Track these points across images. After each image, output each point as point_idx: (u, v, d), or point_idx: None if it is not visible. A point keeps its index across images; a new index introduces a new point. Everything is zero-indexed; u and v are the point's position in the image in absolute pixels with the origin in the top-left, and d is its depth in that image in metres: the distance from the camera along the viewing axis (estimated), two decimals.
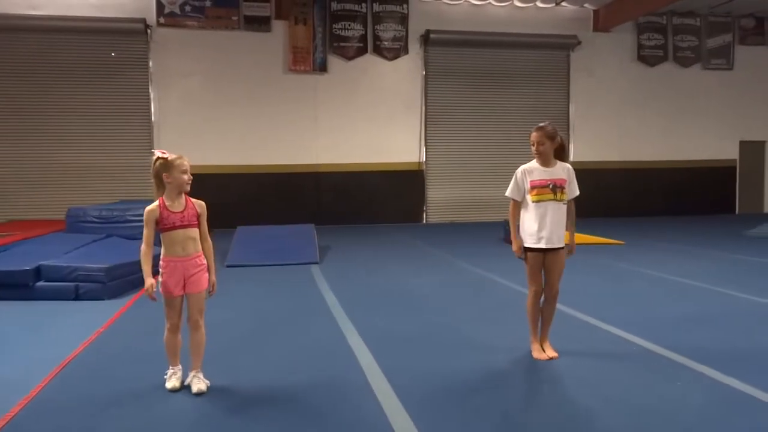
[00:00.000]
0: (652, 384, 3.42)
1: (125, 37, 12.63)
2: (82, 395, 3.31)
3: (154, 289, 3.26)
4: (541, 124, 3.89)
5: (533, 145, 3.85)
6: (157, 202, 3.34)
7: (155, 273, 3.31)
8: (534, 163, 3.90)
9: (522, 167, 3.92)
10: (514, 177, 3.91)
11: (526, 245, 3.87)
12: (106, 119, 12.65)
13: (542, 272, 3.90)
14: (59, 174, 12.53)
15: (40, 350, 4.23)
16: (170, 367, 3.40)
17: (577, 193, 3.93)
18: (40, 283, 5.85)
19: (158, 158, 3.35)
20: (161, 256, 3.33)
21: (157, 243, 3.40)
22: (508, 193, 3.94)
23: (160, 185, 3.35)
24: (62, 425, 2.94)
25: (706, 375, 3.55)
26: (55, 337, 4.56)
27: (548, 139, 3.81)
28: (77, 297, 5.79)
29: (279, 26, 13.19)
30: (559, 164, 3.88)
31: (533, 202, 3.81)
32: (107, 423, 2.95)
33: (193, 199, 3.42)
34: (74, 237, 7.78)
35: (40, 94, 12.43)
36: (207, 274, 3.40)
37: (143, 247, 3.33)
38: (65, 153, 12.56)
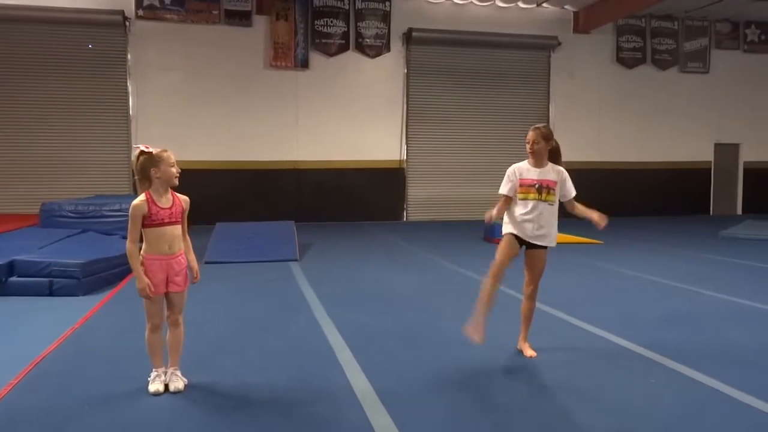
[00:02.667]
0: (628, 381, 3.47)
1: (103, 29, 12.40)
2: (55, 394, 3.24)
3: (150, 291, 3.17)
4: (538, 125, 3.96)
5: (528, 143, 3.89)
6: (143, 197, 3.20)
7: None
8: (525, 163, 3.94)
9: (514, 165, 3.96)
10: (506, 175, 3.93)
11: (505, 232, 3.92)
12: (82, 113, 12.42)
13: (510, 256, 3.86)
14: (33, 168, 12.27)
15: (11, 348, 4.14)
16: (153, 369, 3.28)
17: (574, 193, 3.99)
18: (13, 279, 5.73)
19: (142, 153, 3.21)
20: (143, 254, 3.23)
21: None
22: (500, 190, 3.94)
23: (145, 180, 3.22)
24: (34, 424, 2.88)
25: (679, 372, 3.61)
26: (27, 335, 4.47)
27: (543, 139, 3.86)
28: (51, 293, 5.68)
29: (260, 21, 13.08)
30: (551, 166, 3.93)
31: (519, 199, 3.87)
32: (80, 423, 2.90)
33: (178, 195, 3.34)
34: (48, 232, 7.63)
35: (14, 86, 12.15)
36: (188, 272, 3.35)
37: (129, 245, 3.18)
38: (40, 146, 12.31)
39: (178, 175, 3.27)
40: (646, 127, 15.25)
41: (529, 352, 3.90)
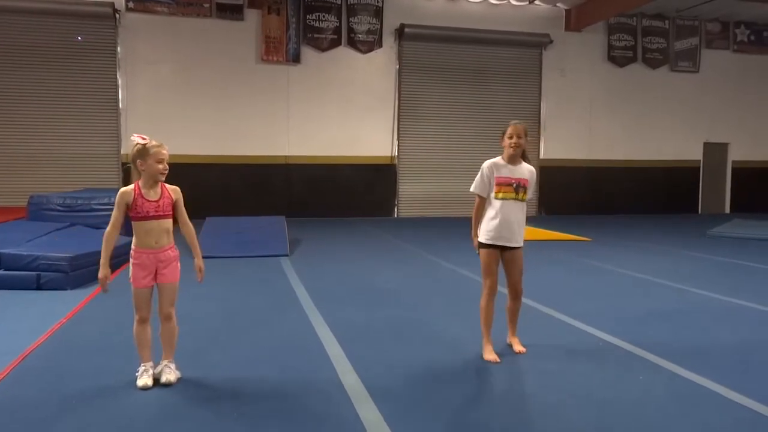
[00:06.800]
0: (616, 378, 3.50)
1: (92, 21, 12.30)
2: (42, 388, 3.22)
3: (108, 282, 3.16)
4: (514, 121, 3.83)
5: (511, 137, 3.71)
6: (132, 186, 3.21)
7: (125, 261, 3.23)
8: (500, 160, 3.79)
9: (488, 162, 3.80)
10: (480, 172, 3.80)
11: (482, 240, 3.80)
12: (71, 105, 12.33)
13: (497, 269, 3.81)
14: (21, 160, 12.17)
15: None
16: (141, 364, 3.25)
17: (530, 196, 3.88)
18: (0, 272, 5.67)
19: (137, 143, 3.21)
20: (132, 247, 3.24)
21: (129, 233, 3.30)
22: (473, 188, 3.83)
23: (135, 171, 3.23)
24: (21, 418, 2.86)
25: (667, 369, 3.64)
26: (13, 328, 4.43)
27: (525, 135, 3.77)
28: (39, 287, 5.64)
29: (252, 15, 13.02)
30: (524, 165, 3.83)
31: (496, 199, 3.73)
32: (67, 417, 2.88)
33: (168, 186, 3.30)
34: (36, 225, 7.57)
35: (2, 77, 12.03)
36: (179, 265, 3.32)
37: (109, 228, 3.20)
38: (28, 139, 12.20)
39: (164, 172, 3.22)
40: (636, 125, 15.34)
41: (519, 348, 3.91)
